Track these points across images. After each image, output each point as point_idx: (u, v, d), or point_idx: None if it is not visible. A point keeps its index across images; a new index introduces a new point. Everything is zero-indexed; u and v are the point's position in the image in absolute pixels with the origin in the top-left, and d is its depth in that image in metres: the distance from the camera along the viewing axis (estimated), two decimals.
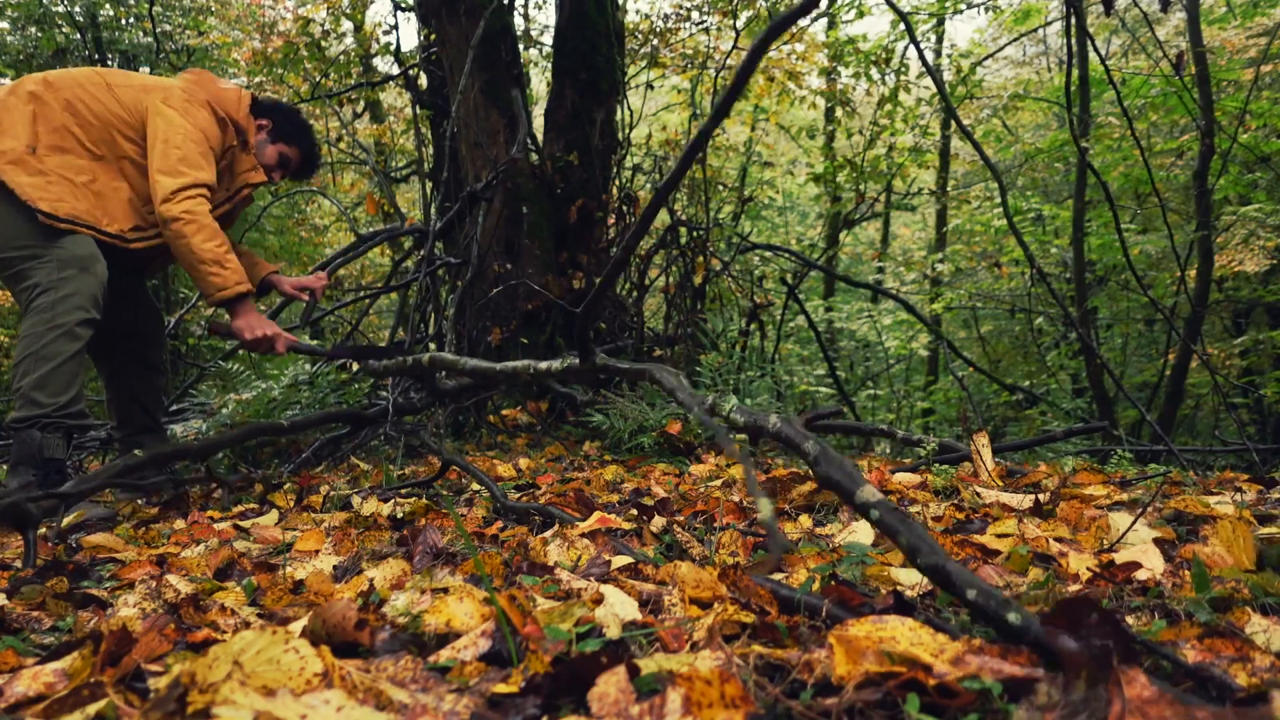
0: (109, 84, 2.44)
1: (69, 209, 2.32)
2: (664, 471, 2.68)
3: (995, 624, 0.85)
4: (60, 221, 2.30)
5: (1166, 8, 3.10)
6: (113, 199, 2.41)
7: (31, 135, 2.33)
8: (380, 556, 1.56)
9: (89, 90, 2.40)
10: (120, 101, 2.42)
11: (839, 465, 1.09)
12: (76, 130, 2.37)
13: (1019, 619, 0.82)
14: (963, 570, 0.90)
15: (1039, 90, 10.57)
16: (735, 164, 9.46)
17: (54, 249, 2.29)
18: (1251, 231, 6.74)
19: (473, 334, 4.17)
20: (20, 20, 8.03)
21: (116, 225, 2.42)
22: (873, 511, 1.00)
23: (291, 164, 2.78)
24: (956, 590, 0.89)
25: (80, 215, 2.34)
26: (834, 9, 8.51)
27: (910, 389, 10.76)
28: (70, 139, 2.36)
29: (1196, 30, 5.52)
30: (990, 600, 0.86)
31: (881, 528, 0.99)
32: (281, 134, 2.73)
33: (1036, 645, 0.80)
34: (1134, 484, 2.10)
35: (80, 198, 2.35)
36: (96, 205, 2.38)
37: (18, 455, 2.21)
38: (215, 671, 0.75)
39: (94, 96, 2.40)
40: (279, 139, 2.72)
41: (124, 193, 2.43)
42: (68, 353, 2.25)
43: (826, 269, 6.09)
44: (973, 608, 0.87)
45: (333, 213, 10.60)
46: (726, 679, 0.72)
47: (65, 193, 2.33)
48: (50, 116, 2.36)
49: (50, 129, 2.35)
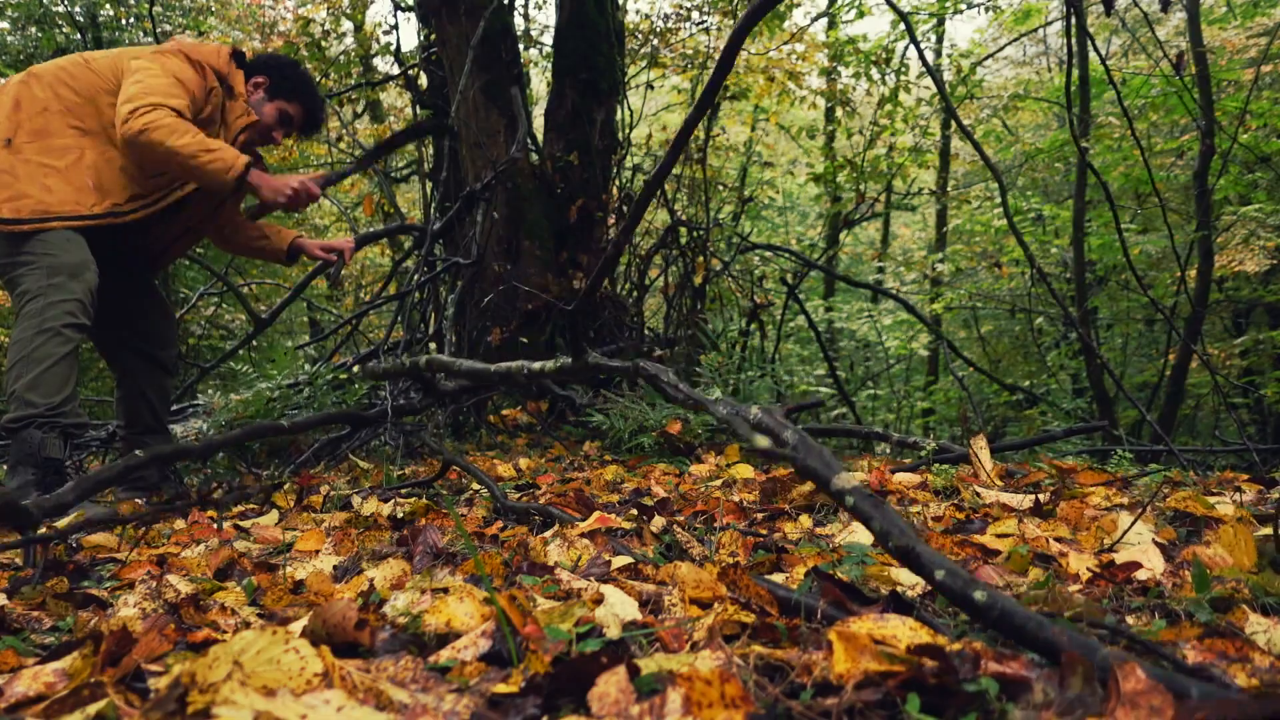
0: (86, 59, 2.46)
1: (34, 205, 2.30)
2: (664, 471, 2.68)
3: (962, 603, 0.87)
4: (24, 223, 2.28)
5: (1166, 8, 3.10)
6: (105, 170, 2.40)
7: (10, 127, 2.34)
8: (380, 556, 1.56)
9: (69, 70, 2.42)
10: (97, 71, 2.43)
11: (817, 454, 1.11)
12: (59, 109, 2.38)
13: (985, 597, 0.84)
14: (932, 552, 0.92)
15: (1039, 90, 10.57)
16: (735, 164, 9.46)
17: (43, 256, 2.29)
18: (1252, 231, 6.74)
19: (473, 334, 4.17)
20: (20, 20, 8.03)
21: (109, 200, 2.39)
22: (848, 498, 1.03)
23: (294, 120, 2.69)
24: (925, 571, 0.91)
25: (51, 208, 2.31)
26: (834, 9, 8.51)
27: (910, 389, 10.77)
28: (54, 118, 2.37)
29: (1196, 30, 5.52)
30: (957, 580, 0.88)
31: (855, 513, 1.01)
32: (280, 90, 2.64)
33: (1001, 622, 0.82)
34: (1134, 484, 2.10)
35: (56, 186, 2.33)
36: (80, 189, 2.36)
37: (17, 455, 2.22)
38: (215, 671, 0.75)
39: (73, 75, 2.42)
40: (277, 95, 2.64)
41: (116, 162, 2.42)
42: (58, 355, 2.26)
43: (826, 269, 6.09)
44: (940, 588, 0.89)
45: (333, 213, 10.60)
46: (726, 679, 0.72)
47: (33, 187, 2.31)
48: (33, 100, 2.37)
49: (33, 113, 2.36)
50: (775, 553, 1.40)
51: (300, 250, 2.84)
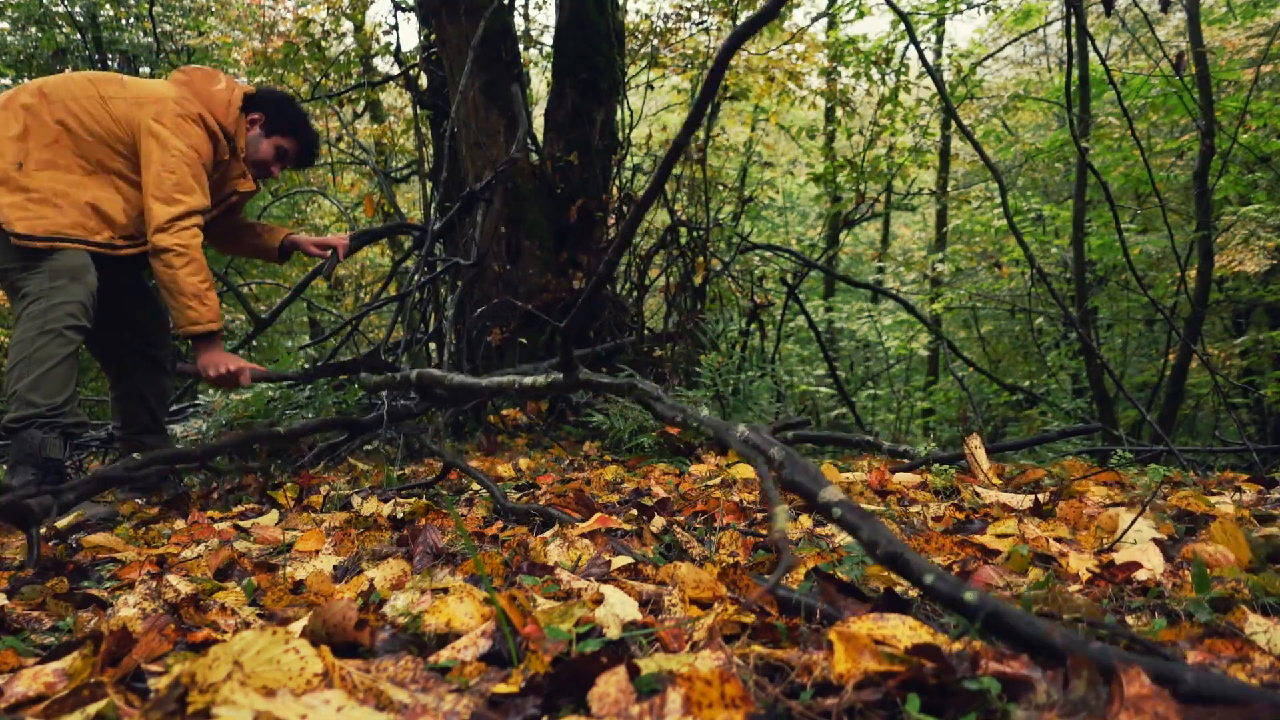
0: (102, 96, 2.42)
1: (48, 226, 2.32)
2: (664, 471, 2.68)
3: (952, 605, 0.87)
4: (38, 240, 2.30)
5: (1166, 8, 3.10)
6: (106, 208, 2.41)
7: (21, 151, 2.33)
8: (380, 556, 1.56)
9: (82, 104, 2.39)
10: (113, 116, 2.41)
11: (803, 469, 1.13)
12: (69, 145, 2.37)
13: (974, 597, 0.85)
14: (919, 558, 0.93)
15: (1039, 90, 10.57)
16: (735, 164, 9.45)
17: (45, 261, 2.31)
18: (1252, 231, 6.73)
19: (472, 334, 4.17)
20: (20, 20, 8.02)
21: (106, 234, 2.42)
22: (835, 510, 1.03)
23: (290, 155, 2.73)
24: (914, 576, 0.91)
25: (63, 231, 2.34)
26: (834, 9, 8.51)
27: (910, 389, 10.76)
28: (63, 152, 2.37)
29: (1196, 30, 5.52)
30: (945, 583, 0.88)
31: (843, 525, 1.01)
32: (276, 127, 2.68)
33: (992, 622, 0.83)
34: (1134, 484, 2.10)
35: (66, 212, 2.35)
36: (85, 217, 2.38)
37: (17, 455, 2.22)
38: (215, 671, 0.75)
39: (86, 110, 2.39)
40: (274, 132, 2.68)
41: (117, 204, 2.44)
42: (59, 356, 2.27)
43: (826, 269, 6.09)
44: (930, 591, 0.90)
45: (333, 213, 10.59)
46: (726, 679, 0.72)
47: (48, 210, 2.33)
48: (42, 132, 2.36)
49: (42, 144, 2.35)
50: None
51: (294, 246, 2.86)
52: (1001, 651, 0.82)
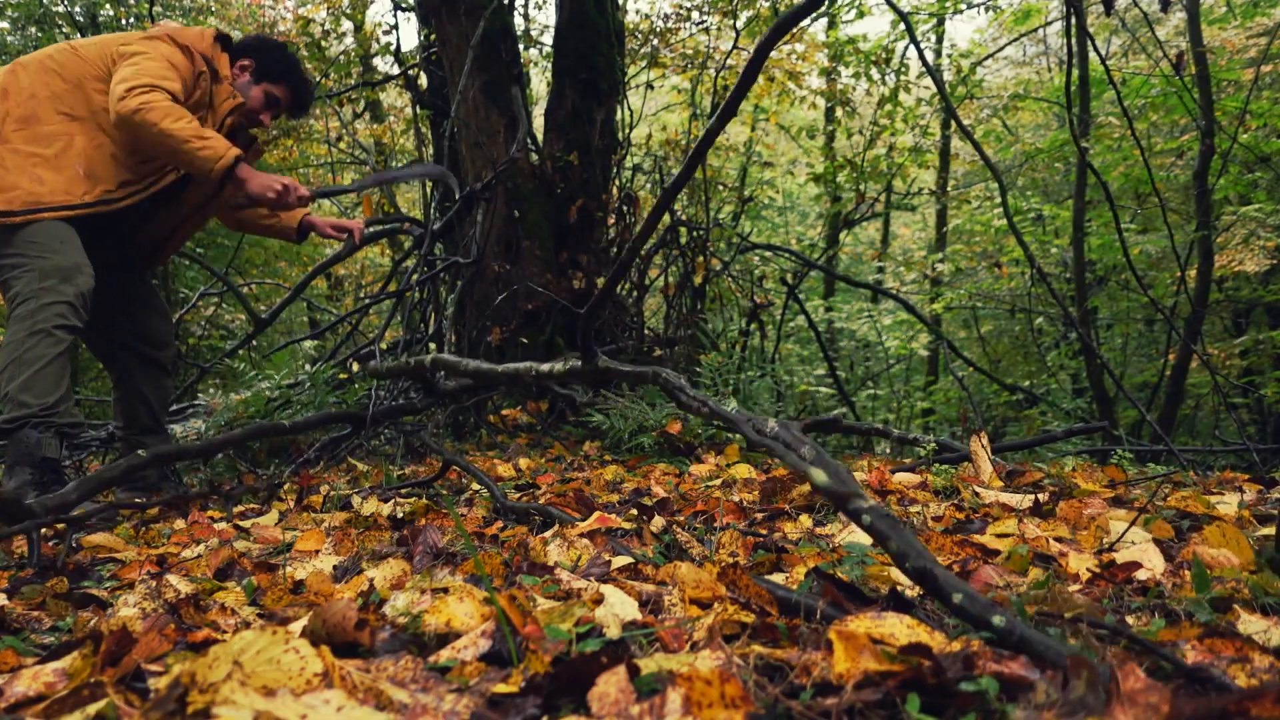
0: (74, 47, 2.47)
1: (25, 197, 2.30)
2: (664, 471, 2.68)
3: (981, 627, 0.86)
4: (15, 215, 2.29)
5: (1166, 8, 3.10)
6: (95, 157, 2.40)
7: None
8: (380, 556, 1.56)
9: (56, 58, 2.43)
10: (85, 58, 2.44)
11: (833, 471, 1.11)
12: (47, 94, 2.38)
13: (1003, 622, 0.84)
14: (949, 575, 0.92)
15: (1039, 90, 10.57)
16: (735, 164, 9.45)
17: (36, 258, 2.29)
18: (1251, 231, 6.74)
19: (472, 333, 4.17)
20: (20, 20, 8.03)
21: (100, 187, 2.39)
22: (864, 517, 1.02)
23: (281, 103, 2.68)
24: (942, 595, 0.91)
25: (43, 198, 2.32)
26: (834, 9, 8.50)
27: (910, 389, 10.76)
28: (42, 105, 2.37)
29: (1196, 30, 5.52)
30: (975, 604, 0.87)
31: (872, 533, 1.01)
32: (266, 72, 2.63)
33: (1022, 646, 0.82)
34: (1134, 484, 2.10)
35: (46, 176, 2.33)
36: (70, 177, 2.36)
37: (14, 456, 2.22)
38: (215, 671, 0.75)
39: (60, 63, 2.42)
40: (264, 78, 2.63)
41: (106, 148, 2.41)
42: (49, 355, 2.26)
43: (826, 269, 6.09)
44: (958, 612, 0.89)
45: (333, 212, 10.60)
46: (726, 679, 0.72)
47: (23, 178, 2.32)
48: (20, 89, 2.37)
49: (20, 101, 2.36)
50: (775, 553, 1.40)
51: (310, 228, 2.84)
52: (999, 651, 0.82)
